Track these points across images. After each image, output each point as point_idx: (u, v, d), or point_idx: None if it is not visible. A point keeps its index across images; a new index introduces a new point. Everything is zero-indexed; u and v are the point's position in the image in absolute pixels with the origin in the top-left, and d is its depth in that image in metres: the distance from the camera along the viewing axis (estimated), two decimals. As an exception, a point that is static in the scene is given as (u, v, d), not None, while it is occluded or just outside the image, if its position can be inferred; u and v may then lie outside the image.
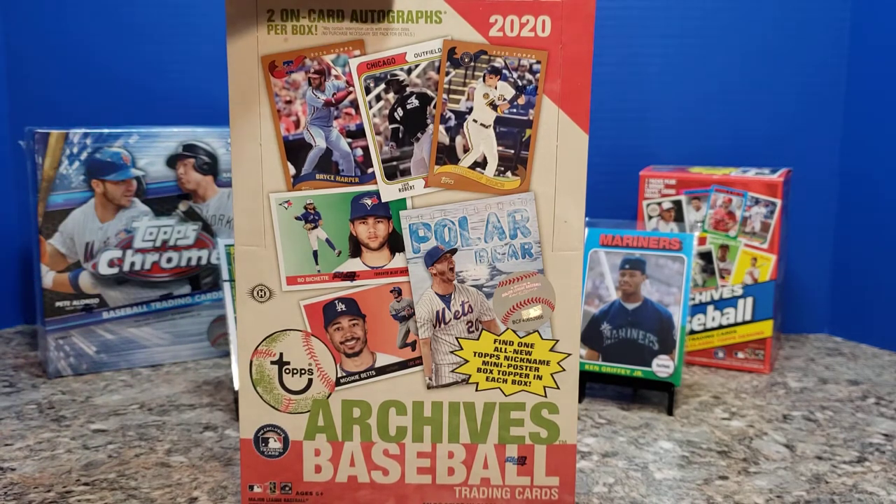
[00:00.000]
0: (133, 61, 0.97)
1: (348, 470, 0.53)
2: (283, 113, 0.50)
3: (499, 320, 0.52)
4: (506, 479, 0.53)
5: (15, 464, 0.61)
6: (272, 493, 0.53)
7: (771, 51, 0.96)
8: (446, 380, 0.52)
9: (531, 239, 0.52)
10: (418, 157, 0.51)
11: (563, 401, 0.53)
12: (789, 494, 0.58)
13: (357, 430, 0.53)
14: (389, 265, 0.52)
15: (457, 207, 0.51)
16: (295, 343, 0.52)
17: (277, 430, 0.53)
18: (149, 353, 0.86)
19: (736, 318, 0.87)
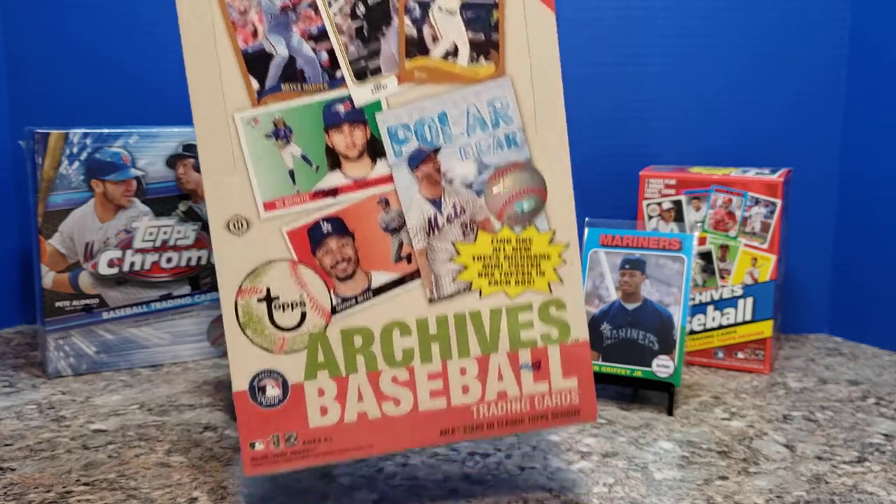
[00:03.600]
0: (133, 61, 0.97)
1: (357, 406, 0.49)
2: (239, 24, 0.47)
3: (493, 218, 0.50)
4: (523, 388, 0.50)
5: (15, 464, 0.61)
6: (276, 448, 0.48)
7: (771, 51, 0.96)
8: (448, 290, 0.49)
9: (514, 126, 0.50)
10: (387, 54, 0.48)
11: (570, 296, 0.51)
12: (789, 495, 0.58)
13: (361, 361, 0.49)
14: (372, 174, 0.49)
15: (434, 103, 0.49)
16: (282, 275, 0.48)
17: (274, 374, 0.48)
18: (149, 354, 0.86)
19: (736, 319, 0.87)
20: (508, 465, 0.62)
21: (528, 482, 0.59)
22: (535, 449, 0.65)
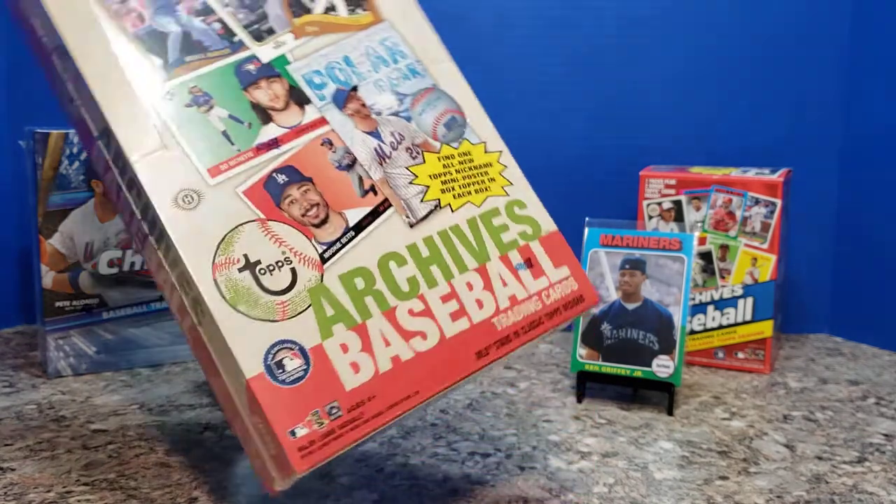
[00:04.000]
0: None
1: (387, 352, 0.45)
2: (122, 12, 0.47)
3: (430, 139, 0.52)
4: (528, 288, 0.51)
5: (15, 464, 0.61)
6: (321, 427, 0.42)
7: (771, 51, 0.96)
8: (421, 211, 0.50)
9: (410, 60, 0.54)
10: (274, 16, 0.51)
11: (523, 194, 0.53)
12: (789, 494, 0.58)
13: (371, 303, 0.46)
14: (305, 120, 0.49)
15: (335, 49, 0.52)
16: (255, 237, 0.45)
17: (287, 344, 0.43)
18: (149, 354, 0.86)
19: (736, 319, 0.87)
20: (508, 465, 0.62)
21: (528, 482, 0.59)
22: (535, 449, 0.65)
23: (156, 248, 0.44)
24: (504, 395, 0.78)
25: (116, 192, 0.47)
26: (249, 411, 0.43)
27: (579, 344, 0.76)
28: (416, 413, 0.48)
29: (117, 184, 0.46)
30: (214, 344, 0.43)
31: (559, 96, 0.97)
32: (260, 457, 0.44)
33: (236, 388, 0.43)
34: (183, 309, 0.45)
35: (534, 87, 0.98)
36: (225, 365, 0.43)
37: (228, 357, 0.42)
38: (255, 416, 0.42)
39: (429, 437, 0.68)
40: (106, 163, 0.45)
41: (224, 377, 0.44)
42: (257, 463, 0.45)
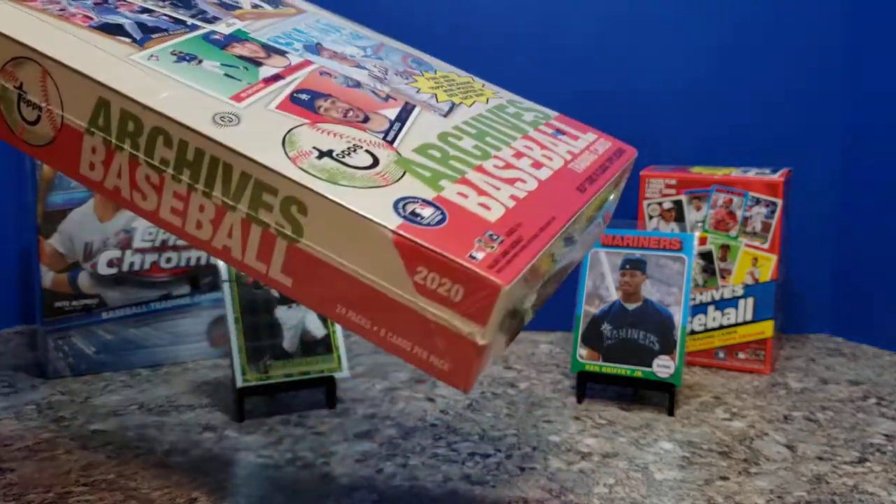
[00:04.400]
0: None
1: (501, 194, 0.44)
2: (68, 14, 0.48)
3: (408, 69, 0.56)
4: (575, 145, 0.54)
5: (14, 464, 0.61)
6: (493, 249, 0.39)
7: (772, 50, 0.96)
8: (445, 107, 0.52)
9: (348, 30, 0.59)
10: (210, 9, 0.54)
11: (514, 97, 0.59)
12: (790, 495, 0.58)
13: (458, 163, 0.45)
14: (293, 62, 0.50)
15: (282, 24, 0.55)
16: (312, 135, 0.43)
17: (409, 199, 0.41)
18: (148, 354, 0.86)
19: (737, 319, 0.87)
20: (509, 466, 0.62)
21: (528, 483, 0.59)
22: (535, 449, 0.65)
23: (209, 193, 0.42)
24: (504, 396, 0.78)
25: (131, 173, 0.45)
26: (408, 273, 0.38)
27: (580, 344, 0.75)
28: (562, 245, 0.44)
29: (131, 159, 0.44)
30: (332, 234, 0.40)
31: (559, 95, 0.97)
32: (435, 335, 0.39)
33: (378, 264, 0.39)
34: (266, 245, 0.42)
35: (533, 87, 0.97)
36: (355, 249, 0.39)
37: (357, 233, 0.39)
38: (418, 272, 0.38)
39: (429, 437, 0.67)
40: (107, 150, 0.44)
41: (357, 269, 0.40)
42: (433, 351, 0.40)
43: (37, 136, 0.46)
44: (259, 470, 0.61)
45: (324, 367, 0.72)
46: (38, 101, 0.46)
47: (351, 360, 0.89)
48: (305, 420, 0.71)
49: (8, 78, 0.46)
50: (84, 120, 0.45)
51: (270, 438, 0.67)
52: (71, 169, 0.46)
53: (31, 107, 0.46)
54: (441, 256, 0.38)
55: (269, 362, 0.70)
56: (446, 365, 0.39)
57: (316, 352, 0.72)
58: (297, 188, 0.40)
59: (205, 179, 0.43)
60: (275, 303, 0.72)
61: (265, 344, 0.70)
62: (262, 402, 0.74)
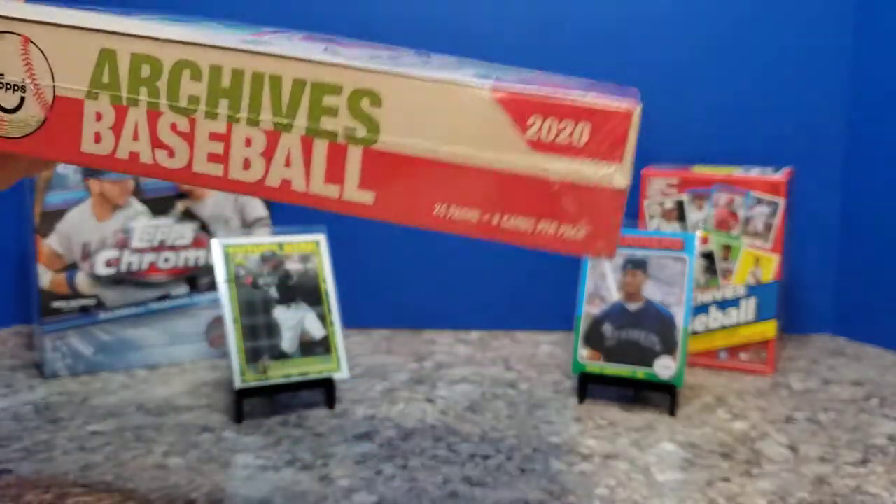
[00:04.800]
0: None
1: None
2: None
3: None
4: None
5: (12, 465, 0.61)
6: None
7: (773, 49, 0.96)
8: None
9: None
10: None
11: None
12: (792, 496, 0.57)
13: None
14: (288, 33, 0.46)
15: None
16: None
17: (486, 75, 0.37)
18: (146, 354, 0.85)
19: (739, 319, 0.86)
20: (509, 467, 0.62)
21: (529, 484, 0.59)
22: (535, 451, 0.65)
23: (255, 119, 0.37)
24: (505, 397, 0.77)
25: (151, 128, 0.38)
26: (518, 131, 0.34)
27: (580, 345, 0.75)
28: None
29: (150, 110, 0.39)
30: (416, 119, 0.36)
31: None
32: (563, 197, 0.35)
33: (480, 133, 0.35)
34: (336, 161, 0.37)
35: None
36: (447, 128, 0.35)
37: (448, 106, 0.35)
38: (529, 125, 0.34)
39: (429, 438, 0.67)
40: (117, 110, 0.40)
41: (455, 149, 0.36)
42: (563, 219, 0.35)
43: (22, 123, 0.40)
44: (258, 471, 0.60)
45: (323, 368, 0.71)
46: (18, 81, 0.39)
47: (350, 360, 0.88)
48: (304, 421, 0.70)
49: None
50: (84, 83, 0.39)
51: (269, 439, 0.66)
52: (71, 150, 0.39)
53: (11, 89, 0.40)
54: (555, 98, 0.33)
55: (267, 363, 0.70)
56: (582, 230, 0.34)
57: (315, 352, 0.72)
58: (366, 76, 0.35)
59: (249, 104, 0.37)
60: (273, 303, 0.71)
61: (264, 345, 0.70)
62: (260, 404, 0.74)
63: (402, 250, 1.01)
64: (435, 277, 1.01)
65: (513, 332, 1.01)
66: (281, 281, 0.72)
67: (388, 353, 0.91)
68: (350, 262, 1.00)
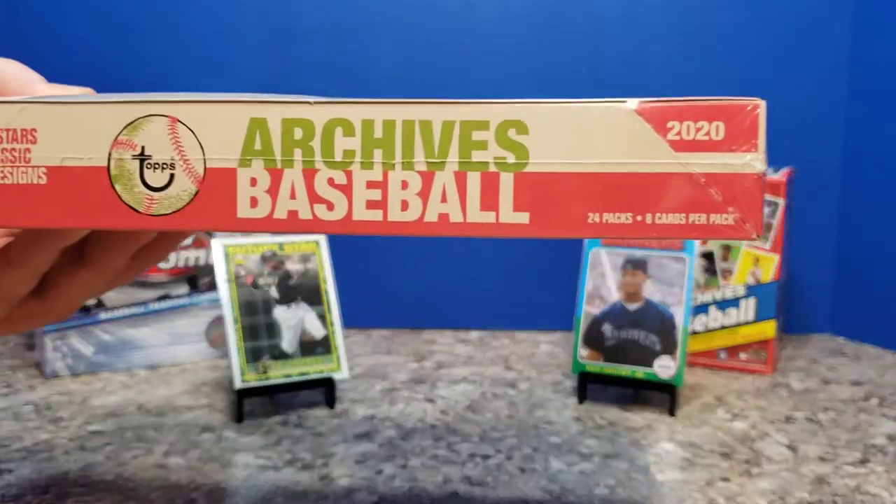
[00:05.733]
0: (133, 61, 0.97)
1: None
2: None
3: None
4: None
5: (12, 465, 0.61)
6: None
7: (773, 48, 0.96)
8: None
9: None
10: None
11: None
12: (792, 496, 0.57)
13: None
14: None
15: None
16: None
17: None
18: (146, 354, 0.85)
19: (738, 319, 0.87)
20: (509, 467, 0.62)
21: (528, 484, 0.59)
22: (535, 450, 0.65)
23: (409, 163, 0.40)
24: (504, 396, 0.77)
25: (308, 185, 0.40)
26: (659, 135, 0.38)
27: (580, 345, 0.75)
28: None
29: (305, 169, 0.40)
30: (562, 140, 0.39)
31: (559, 95, 0.97)
32: (710, 188, 0.38)
33: (624, 144, 0.38)
34: (489, 189, 0.40)
35: (532, 86, 0.97)
36: (592, 144, 0.38)
37: (591, 125, 0.38)
38: (669, 129, 0.38)
39: (429, 438, 0.67)
40: (272, 173, 0.40)
41: (603, 161, 0.39)
42: (712, 209, 0.38)
43: (171, 200, 0.41)
44: (258, 471, 0.61)
45: (323, 368, 0.72)
46: (167, 159, 0.41)
47: (350, 360, 0.88)
48: (304, 421, 0.70)
49: (124, 148, 0.40)
50: (235, 152, 0.41)
51: (269, 439, 0.66)
52: (225, 218, 0.41)
53: (160, 168, 0.41)
54: (689, 102, 0.37)
55: (267, 363, 0.70)
56: (732, 216, 0.38)
57: (315, 352, 0.72)
58: (510, 109, 0.39)
59: (402, 150, 0.40)
60: (273, 303, 0.72)
61: (264, 345, 0.70)
62: (260, 403, 0.74)
63: (402, 250, 1.01)
64: (435, 277, 1.01)
65: (513, 331, 1.01)
66: (281, 281, 0.72)
67: (388, 353, 0.91)
68: (350, 262, 1.00)
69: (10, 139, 0.38)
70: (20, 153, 0.39)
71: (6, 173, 0.38)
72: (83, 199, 0.40)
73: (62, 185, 0.39)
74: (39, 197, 0.39)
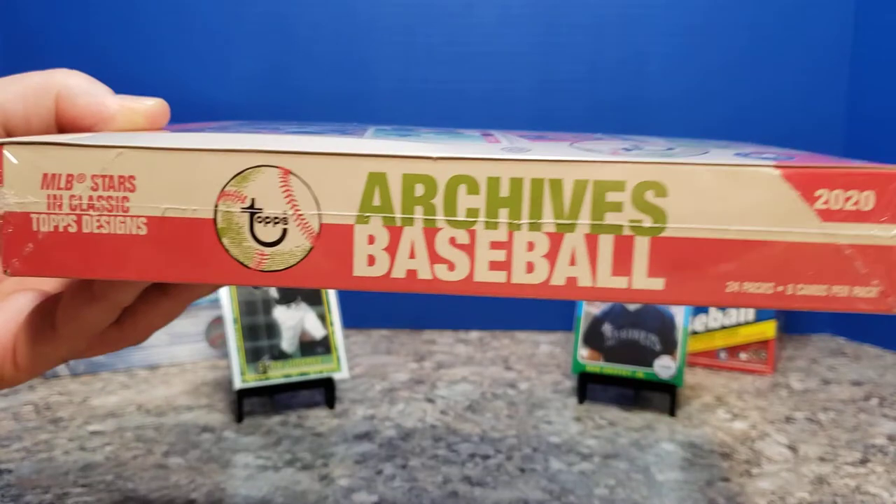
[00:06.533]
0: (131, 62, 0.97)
1: None
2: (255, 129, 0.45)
3: None
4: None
5: (12, 465, 0.61)
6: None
7: (772, 48, 0.96)
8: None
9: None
10: None
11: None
12: (792, 496, 0.57)
13: None
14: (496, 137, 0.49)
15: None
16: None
17: (743, 153, 0.41)
18: (146, 354, 0.85)
19: (738, 319, 0.87)
20: (509, 467, 0.62)
21: (528, 484, 0.59)
22: (535, 451, 0.65)
23: (537, 224, 0.38)
24: (504, 396, 0.77)
25: (429, 244, 0.39)
26: (807, 203, 0.36)
27: (580, 345, 0.75)
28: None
29: (426, 228, 0.39)
30: (703, 204, 0.37)
31: (558, 95, 0.97)
32: (855, 260, 0.37)
33: (770, 210, 0.37)
34: (622, 253, 0.38)
35: (532, 86, 0.97)
36: (735, 209, 0.37)
37: (734, 188, 0.37)
38: (817, 197, 0.36)
39: (428, 438, 0.67)
40: (391, 231, 0.38)
41: (744, 227, 0.37)
42: (855, 282, 0.38)
43: (284, 256, 0.39)
44: (258, 471, 0.61)
45: (323, 368, 0.72)
46: (279, 213, 0.38)
47: (350, 360, 0.88)
48: (304, 421, 0.70)
49: (232, 200, 0.38)
50: (353, 208, 0.38)
51: (269, 439, 0.66)
52: (341, 277, 0.38)
53: (272, 223, 0.38)
54: (840, 169, 0.35)
55: (267, 363, 0.70)
56: (875, 289, 0.36)
57: (315, 352, 0.72)
58: (650, 170, 0.37)
59: (529, 210, 0.38)
60: (273, 303, 0.72)
61: (264, 344, 0.70)
62: (260, 403, 0.74)
63: (402, 250, 1.01)
64: (435, 277, 1.01)
65: (513, 332, 1.01)
66: (281, 281, 0.72)
67: (388, 353, 0.91)
68: (350, 263, 1.00)
69: (105, 186, 0.35)
70: (117, 201, 0.36)
71: (102, 223, 0.35)
72: (187, 252, 0.37)
73: (164, 236, 0.36)
74: (139, 248, 0.36)
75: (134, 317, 0.38)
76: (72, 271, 0.35)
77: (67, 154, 0.34)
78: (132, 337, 0.39)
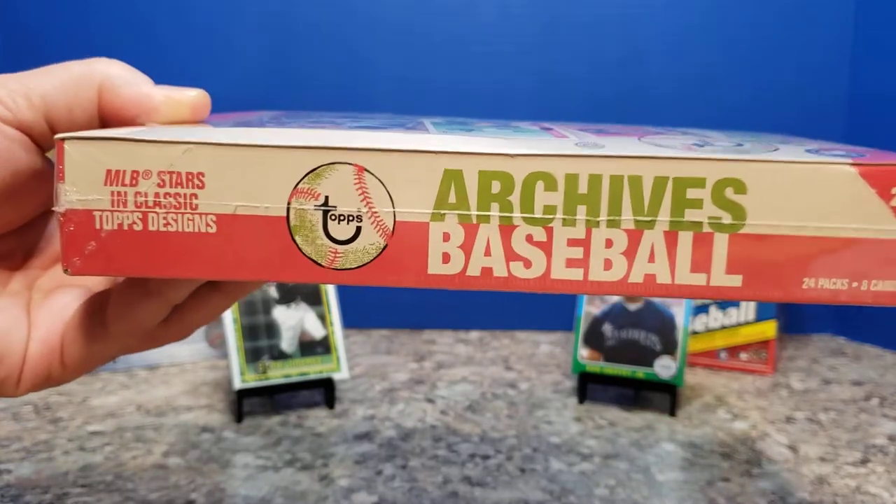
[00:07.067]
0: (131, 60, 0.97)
1: None
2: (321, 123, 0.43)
3: None
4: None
5: (11, 465, 0.61)
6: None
7: (773, 48, 0.96)
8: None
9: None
10: None
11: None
12: (792, 496, 0.57)
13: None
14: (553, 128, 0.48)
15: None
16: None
17: (814, 150, 0.41)
18: (146, 354, 0.85)
19: (739, 319, 0.86)
20: (509, 468, 0.62)
21: (528, 484, 0.59)
22: (535, 451, 0.65)
23: (615, 221, 0.38)
24: (505, 397, 0.77)
25: (505, 242, 0.39)
26: (883, 200, 0.38)
27: (580, 345, 0.75)
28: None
29: (502, 225, 0.38)
30: (781, 201, 0.38)
31: (558, 94, 0.97)
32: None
33: (846, 207, 0.38)
34: (701, 250, 0.38)
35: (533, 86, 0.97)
36: (812, 206, 0.38)
37: (810, 186, 0.37)
38: (893, 194, 0.37)
39: (428, 438, 0.67)
40: (466, 228, 0.39)
41: (822, 224, 0.38)
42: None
43: (358, 254, 0.38)
44: (258, 471, 0.60)
45: (323, 368, 0.71)
46: (354, 211, 0.38)
47: (350, 360, 0.88)
48: (304, 421, 0.70)
49: (305, 198, 0.37)
50: (428, 206, 0.38)
51: (269, 439, 0.66)
52: (415, 275, 0.38)
53: (345, 220, 0.38)
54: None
55: (267, 363, 0.70)
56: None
57: (315, 352, 0.72)
58: (729, 167, 0.37)
59: (608, 207, 0.38)
60: (273, 303, 0.71)
61: (263, 344, 0.70)
62: (260, 403, 0.74)
63: (403, 250, 1.01)
64: (435, 277, 1.01)
65: (513, 331, 1.01)
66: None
67: (388, 353, 0.91)
68: (350, 263, 1.00)
69: (173, 183, 0.34)
70: (185, 199, 0.34)
71: (170, 220, 0.34)
72: (259, 250, 0.36)
73: (234, 234, 0.35)
74: (209, 246, 0.35)
75: (182, 312, 0.37)
76: (136, 270, 0.34)
77: (133, 150, 0.33)
78: (179, 332, 0.38)
